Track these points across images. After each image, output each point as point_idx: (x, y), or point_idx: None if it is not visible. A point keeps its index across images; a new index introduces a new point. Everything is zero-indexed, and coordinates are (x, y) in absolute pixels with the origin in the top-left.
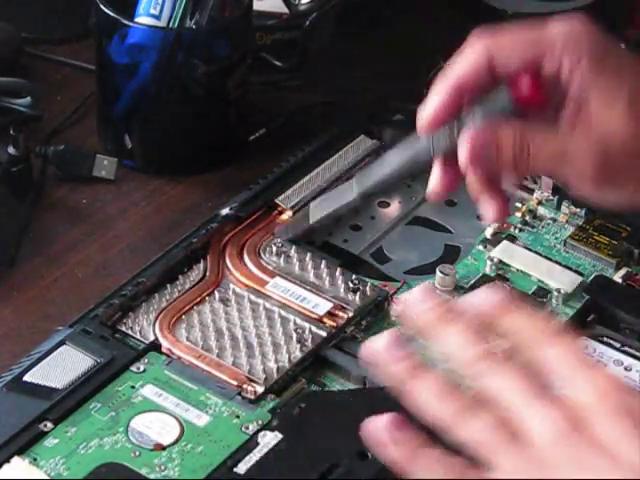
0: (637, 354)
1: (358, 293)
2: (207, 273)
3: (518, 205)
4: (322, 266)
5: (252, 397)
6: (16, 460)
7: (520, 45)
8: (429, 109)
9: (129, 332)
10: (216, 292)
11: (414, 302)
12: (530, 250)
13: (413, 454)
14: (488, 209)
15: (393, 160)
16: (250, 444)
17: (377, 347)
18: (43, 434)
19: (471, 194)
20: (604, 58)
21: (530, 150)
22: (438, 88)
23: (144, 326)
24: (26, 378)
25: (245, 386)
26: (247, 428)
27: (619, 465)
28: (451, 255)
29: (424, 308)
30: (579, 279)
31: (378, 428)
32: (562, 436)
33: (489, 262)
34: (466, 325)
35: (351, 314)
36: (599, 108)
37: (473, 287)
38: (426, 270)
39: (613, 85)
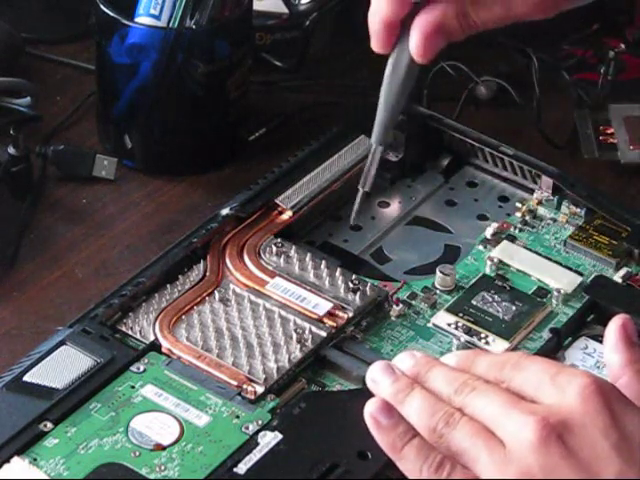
0: None
1: (358, 293)
2: (207, 273)
3: (518, 205)
4: (322, 266)
5: (252, 397)
6: (16, 460)
7: None
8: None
9: (129, 332)
10: (216, 292)
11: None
12: (530, 250)
13: (395, 442)
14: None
15: (385, 93)
16: (250, 444)
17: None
18: (43, 434)
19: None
20: None
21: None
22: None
23: (144, 326)
24: (26, 378)
25: (245, 386)
26: (247, 428)
27: None
28: (451, 255)
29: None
30: (579, 279)
31: (366, 412)
32: (539, 442)
33: (489, 262)
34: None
35: (351, 314)
36: None
37: (473, 287)
38: (426, 270)
39: None
